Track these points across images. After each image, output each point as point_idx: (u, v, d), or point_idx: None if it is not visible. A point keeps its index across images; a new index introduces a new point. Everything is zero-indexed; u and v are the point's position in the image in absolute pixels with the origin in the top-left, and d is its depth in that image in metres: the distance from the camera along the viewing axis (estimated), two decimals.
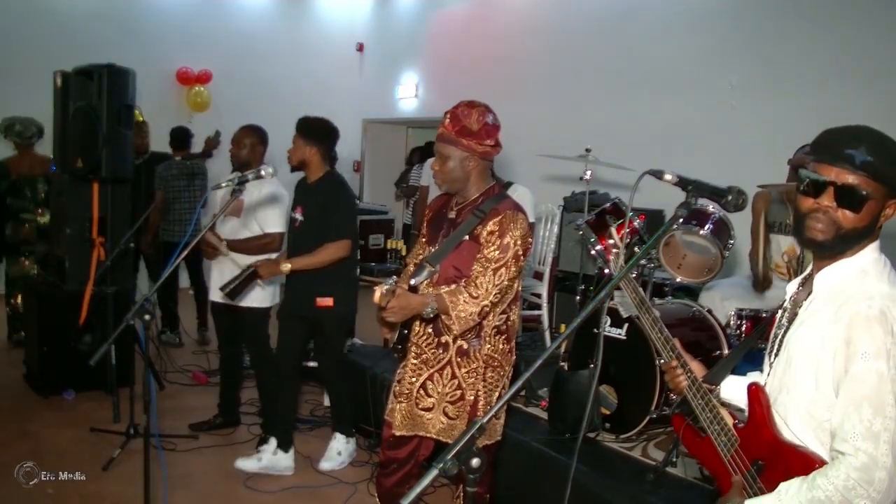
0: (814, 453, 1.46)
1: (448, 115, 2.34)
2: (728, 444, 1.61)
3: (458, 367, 2.35)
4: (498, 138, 2.37)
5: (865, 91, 4.48)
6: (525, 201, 4.86)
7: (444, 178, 2.36)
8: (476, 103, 2.38)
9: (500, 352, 2.39)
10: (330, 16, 9.23)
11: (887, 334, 1.35)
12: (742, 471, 1.57)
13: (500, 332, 2.38)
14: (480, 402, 2.35)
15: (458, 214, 2.41)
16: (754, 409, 1.57)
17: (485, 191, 2.39)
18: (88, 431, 3.90)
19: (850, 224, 1.43)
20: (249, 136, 3.79)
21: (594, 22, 6.43)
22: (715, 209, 3.37)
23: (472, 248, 2.30)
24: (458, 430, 2.34)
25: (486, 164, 2.38)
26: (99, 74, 4.27)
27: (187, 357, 5.42)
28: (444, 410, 2.36)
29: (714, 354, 3.25)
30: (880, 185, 1.42)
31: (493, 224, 2.27)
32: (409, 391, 2.41)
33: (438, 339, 2.37)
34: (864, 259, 1.47)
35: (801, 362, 1.48)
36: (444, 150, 2.32)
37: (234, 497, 3.39)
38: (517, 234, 2.26)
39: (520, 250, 2.28)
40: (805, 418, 1.48)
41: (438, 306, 2.22)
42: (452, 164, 2.32)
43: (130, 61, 4.52)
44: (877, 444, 1.33)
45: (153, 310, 5.67)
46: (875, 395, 1.34)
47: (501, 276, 2.24)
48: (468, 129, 2.30)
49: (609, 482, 2.77)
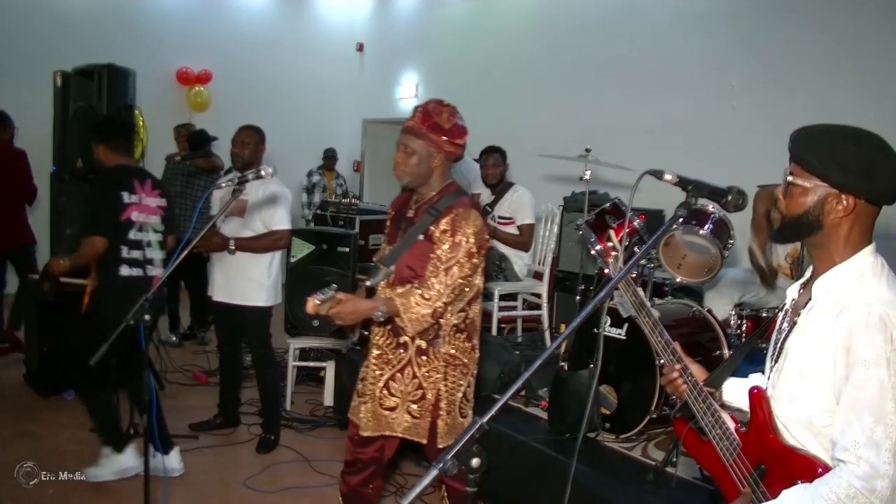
0: (817, 458, 1.46)
1: (419, 110, 2.33)
2: (730, 449, 1.61)
3: (417, 366, 2.33)
4: (466, 140, 2.36)
5: (865, 91, 4.48)
6: (525, 202, 4.89)
7: (406, 172, 2.33)
8: (445, 102, 2.37)
9: (461, 350, 2.37)
10: (330, 16, 9.23)
11: (887, 342, 1.34)
12: (744, 475, 1.57)
13: (459, 330, 2.37)
14: (442, 401, 2.34)
15: (415, 213, 2.40)
16: (756, 413, 1.57)
17: (441, 189, 2.37)
18: (88, 431, 3.90)
19: (786, 211, 1.51)
20: (252, 136, 3.78)
21: (594, 22, 6.43)
22: (715, 209, 3.37)
23: (427, 247, 2.28)
24: (422, 429, 2.34)
25: (448, 164, 2.38)
26: (99, 74, 4.27)
27: (187, 357, 5.42)
28: (407, 409, 2.35)
29: (714, 355, 3.25)
30: (807, 173, 1.45)
31: (446, 222, 2.26)
32: (371, 391, 2.40)
33: (398, 339, 2.35)
34: (860, 263, 1.46)
35: (802, 369, 1.48)
36: (412, 143, 2.30)
37: (234, 497, 3.39)
38: (469, 231, 2.25)
39: (473, 247, 2.26)
40: (806, 424, 1.48)
41: (389, 310, 2.20)
42: (418, 159, 2.31)
43: (130, 61, 4.53)
44: (878, 452, 1.32)
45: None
46: (876, 403, 1.34)
47: (454, 275, 2.22)
48: (439, 126, 2.29)
49: (609, 482, 2.77)
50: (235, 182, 2.52)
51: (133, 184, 3.34)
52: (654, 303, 3.54)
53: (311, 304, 2.12)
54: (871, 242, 1.49)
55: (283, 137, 6.71)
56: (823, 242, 1.49)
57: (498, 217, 4.92)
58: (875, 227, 1.51)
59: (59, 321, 4.42)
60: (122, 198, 3.28)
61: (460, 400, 2.39)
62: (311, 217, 7.18)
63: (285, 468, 3.68)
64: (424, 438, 2.36)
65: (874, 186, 1.43)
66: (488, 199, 5.04)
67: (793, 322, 1.56)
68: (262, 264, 3.80)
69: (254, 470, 3.61)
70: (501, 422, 3.27)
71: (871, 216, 1.48)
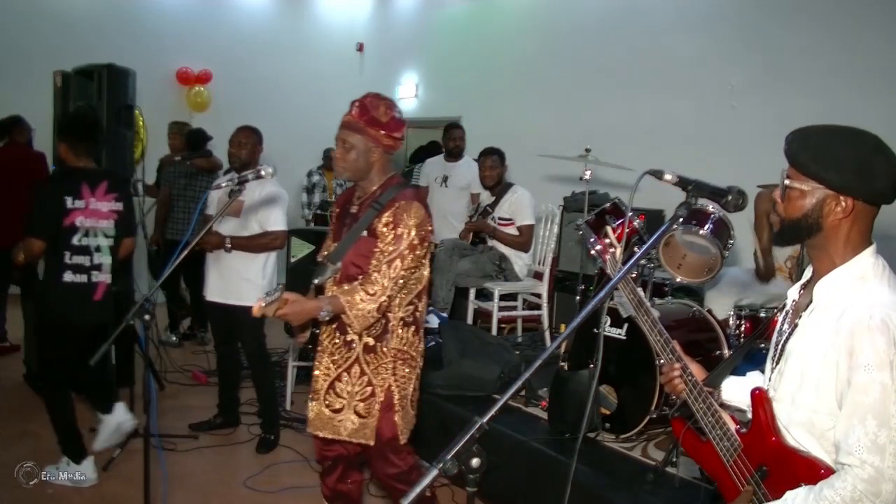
0: (819, 460, 1.45)
1: (356, 105, 2.32)
2: (730, 449, 1.61)
3: (366, 363, 2.32)
4: (404, 133, 2.36)
5: (866, 90, 4.48)
6: (525, 202, 4.89)
7: (345, 167, 2.33)
8: (383, 96, 2.36)
9: (409, 344, 2.36)
10: (330, 16, 9.22)
11: (890, 345, 1.34)
12: (745, 476, 1.57)
13: (407, 323, 2.35)
14: (395, 396, 2.32)
15: (358, 208, 2.39)
16: (758, 414, 1.56)
17: (383, 183, 2.37)
18: (88, 431, 3.89)
19: (784, 214, 1.51)
20: (250, 137, 3.79)
21: (594, 22, 6.43)
22: (715, 209, 3.37)
23: (371, 243, 2.28)
24: (370, 428, 2.31)
25: (388, 157, 2.37)
26: (99, 74, 4.27)
27: (187, 357, 5.42)
28: (354, 409, 2.32)
29: (714, 355, 3.25)
30: (804, 176, 1.46)
31: (388, 216, 2.26)
32: (318, 390, 2.39)
33: (344, 337, 2.34)
34: (861, 265, 1.46)
35: (803, 372, 1.48)
36: (350, 138, 2.30)
37: (234, 497, 3.39)
38: (411, 223, 2.24)
39: (415, 240, 2.24)
40: (808, 427, 1.47)
41: (334, 308, 2.19)
42: (356, 154, 2.30)
43: (130, 61, 4.52)
44: (883, 456, 1.32)
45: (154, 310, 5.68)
46: (879, 406, 1.33)
47: (396, 268, 2.22)
48: (377, 120, 2.29)
49: (609, 482, 2.77)
50: (235, 182, 2.52)
51: (81, 188, 3.26)
52: (654, 303, 3.54)
53: (256, 307, 2.09)
54: (872, 243, 1.49)
55: (283, 137, 6.72)
56: (823, 244, 1.49)
57: (498, 218, 4.92)
58: (875, 227, 1.50)
59: None
60: (65, 203, 3.22)
61: (411, 394, 2.39)
62: (311, 217, 7.19)
63: (285, 468, 3.68)
64: (371, 440, 2.32)
65: (872, 187, 1.42)
66: (488, 200, 5.04)
67: (794, 324, 1.56)
68: (257, 264, 3.80)
69: (254, 470, 3.61)
70: (501, 422, 3.27)
71: (869, 216, 1.47)
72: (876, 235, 1.51)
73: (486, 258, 4.80)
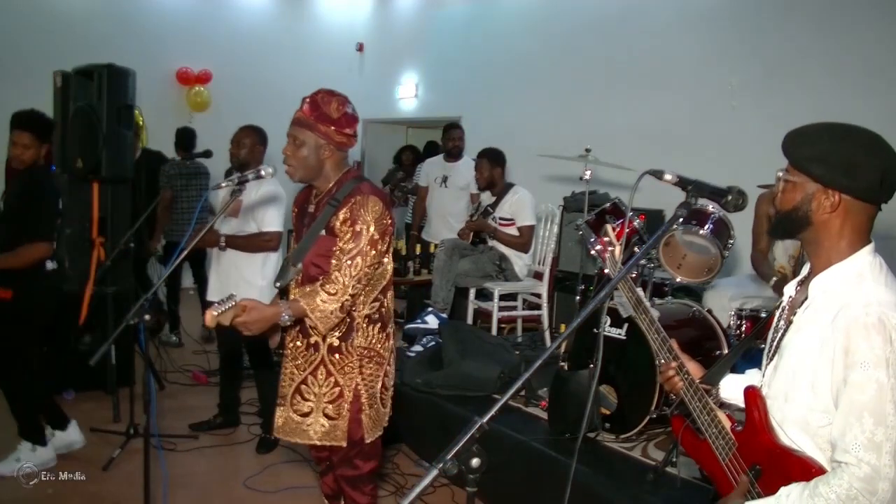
0: (812, 459, 1.45)
1: (307, 101, 2.28)
2: (726, 448, 1.61)
3: (331, 364, 2.27)
4: (356, 129, 2.32)
5: (865, 91, 4.48)
6: (526, 203, 4.89)
7: (296, 165, 2.28)
8: (336, 92, 2.31)
9: (376, 341, 2.31)
10: (330, 16, 9.23)
11: (886, 342, 1.34)
12: (740, 475, 1.57)
13: (372, 321, 2.30)
14: (362, 396, 2.28)
15: (316, 207, 2.34)
16: (752, 413, 1.57)
17: (339, 179, 2.32)
18: (88, 431, 3.89)
19: (778, 206, 1.55)
20: (249, 136, 3.79)
21: (594, 22, 6.43)
22: (715, 209, 3.37)
23: (330, 241, 2.23)
24: (341, 430, 2.27)
25: (341, 154, 2.32)
26: (99, 74, 4.26)
27: (187, 357, 5.42)
28: (323, 412, 2.28)
29: (714, 354, 3.25)
30: (795, 169, 1.49)
31: (345, 212, 2.20)
32: (285, 395, 2.37)
33: (308, 340, 2.30)
34: (858, 263, 1.46)
35: (798, 369, 1.48)
36: (300, 135, 2.26)
37: (234, 497, 3.38)
38: (369, 218, 2.18)
39: (375, 235, 2.19)
40: (802, 425, 1.47)
41: (294, 313, 2.14)
42: (307, 151, 2.26)
43: (130, 61, 4.52)
44: (879, 454, 1.32)
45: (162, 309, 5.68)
46: (876, 405, 1.33)
47: (358, 266, 2.16)
48: (327, 116, 2.24)
49: (609, 482, 2.77)
50: (235, 182, 2.52)
51: None
52: (654, 303, 3.53)
53: (209, 317, 2.01)
54: (870, 242, 1.49)
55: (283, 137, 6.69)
56: (816, 239, 1.50)
57: (499, 218, 4.92)
58: (875, 226, 1.51)
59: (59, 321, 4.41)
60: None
61: (380, 391, 2.34)
62: None
63: (285, 468, 3.68)
64: (343, 441, 2.28)
65: (855, 182, 1.43)
66: (489, 201, 5.04)
67: (789, 320, 1.56)
68: (256, 265, 3.79)
69: (254, 470, 3.61)
70: (501, 422, 3.27)
71: (863, 214, 1.47)
72: (876, 235, 1.51)
73: (486, 258, 4.80)
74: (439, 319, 4.45)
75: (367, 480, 2.42)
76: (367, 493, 2.41)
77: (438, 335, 4.21)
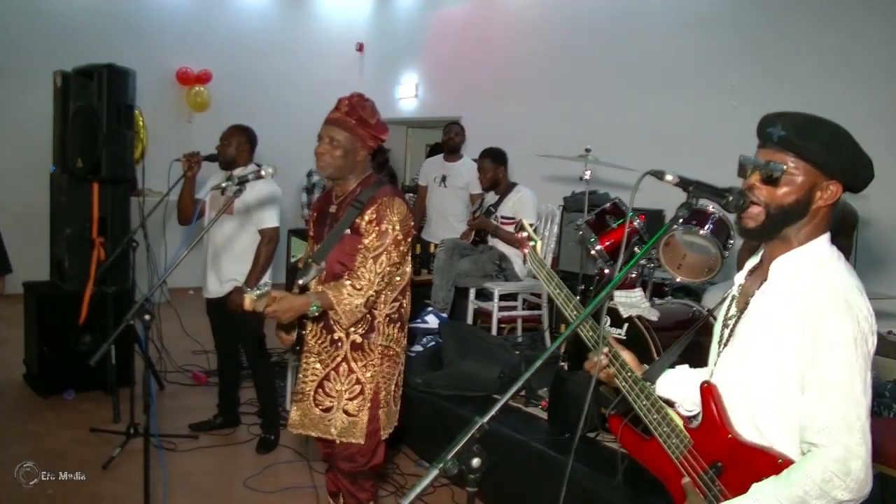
0: (776, 451, 1.43)
1: (345, 103, 2.36)
2: (679, 446, 1.56)
3: (353, 361, 2.34)
4: (386, 137, 2.44)
5: (865, 90, 4.47)
6: (528, 202, 4.89)
7: (330, 163, 2.34)
8: (366, 97, 2.41)
9: (394, 340, 2.40)
10: (330, 16, 9.22)
11: (854, 322, 1.34)
12: (697, 472, 1.53)
13: (392, 320, 2.39)
14: (381, 393, 2.35)
15: (338, 208, 2.41)
16: (709, 409, 1.53)
17: (362, 181, 2.40)
18: (88, 431, 3.90)
19: (773, 200, 1.45)
20: (237, 136, 3.82)
21: (594, 22, 6.42)
22: (715, 209, 3.37)
23: (355, 240, 2.31)
24: (360, 427, 2.32)
25: (368, 157, 2.42)
26: (99, 74, 4.27)
27: (187, 357, 5.42)
28: (344, 409, 2.34)
29: None
30: (801, 161, 1.44)
31: (371, 212, 2.29)
32: (305, 391, 2.40)
33: (331, 336, 2.36)
34: (819, 248, 1.47)
35: (757, 350, 1.46)
36: (337, 135, 2.32)
37: (234, 497, 3.39)
38: (395, 219, 2.27)
39: (399, 235, 2.28)
40: (767, 409, 1.45)
41: (322, 304, 2.21)
42: (342, 151, 2.33)
43: (130, 61, 4.52)
44: (851, 433, 1.32)
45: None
46: (845, 384, 1.33)
47: (382, 264, 2.25)
48: (365, 121, 2.34)
49: (609, 482, 2.77)
50: (235, 182, 2.52)
51: None
52: (654, 303, 3.53)
53: (248, 300, 2.09)
54: (826, 232, 1.49)
55: (282, 137, 6.72)
56: (790, 231, 1.48)
57: (501, 217, 4.92)
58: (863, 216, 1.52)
59: (59, 321, 4.42)
60: None
61: (393, 390, 2.43)
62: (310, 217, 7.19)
63: (285, 468, 3.68)
64: (362, 439, 2.33)
65: (857, 177, 1.46)
66: (492, 200, 5.04)
67: (743, 306, 1.55)
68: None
69: (254, 470, 3.61)
70: (501, 422, 3.27)
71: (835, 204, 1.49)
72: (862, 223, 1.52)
73: (487, 258, 4.80)
74: (439, 319, 4.46)
75: (368, 477, 2.45)
76: (367, 489, 2.45)
77: (438, 335, 4.21)
